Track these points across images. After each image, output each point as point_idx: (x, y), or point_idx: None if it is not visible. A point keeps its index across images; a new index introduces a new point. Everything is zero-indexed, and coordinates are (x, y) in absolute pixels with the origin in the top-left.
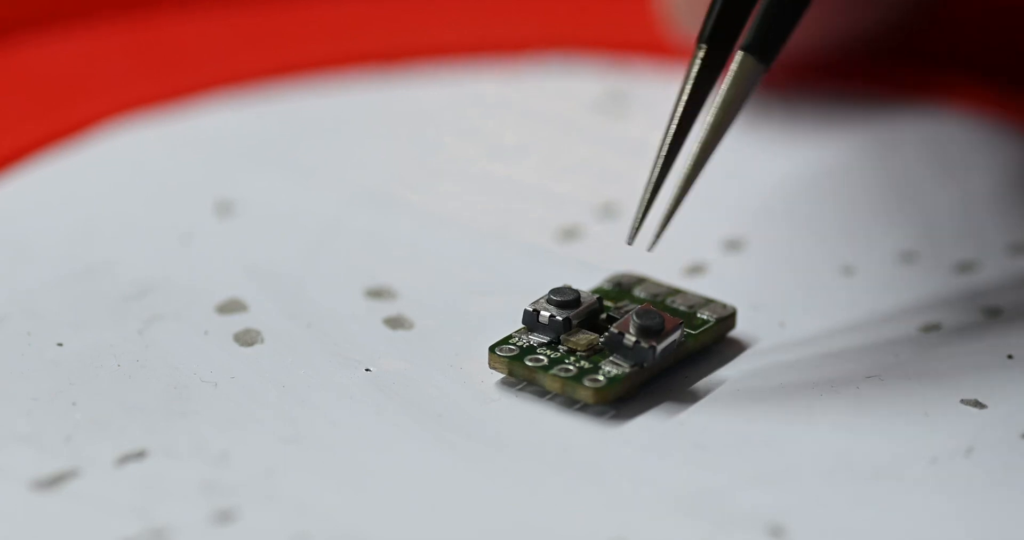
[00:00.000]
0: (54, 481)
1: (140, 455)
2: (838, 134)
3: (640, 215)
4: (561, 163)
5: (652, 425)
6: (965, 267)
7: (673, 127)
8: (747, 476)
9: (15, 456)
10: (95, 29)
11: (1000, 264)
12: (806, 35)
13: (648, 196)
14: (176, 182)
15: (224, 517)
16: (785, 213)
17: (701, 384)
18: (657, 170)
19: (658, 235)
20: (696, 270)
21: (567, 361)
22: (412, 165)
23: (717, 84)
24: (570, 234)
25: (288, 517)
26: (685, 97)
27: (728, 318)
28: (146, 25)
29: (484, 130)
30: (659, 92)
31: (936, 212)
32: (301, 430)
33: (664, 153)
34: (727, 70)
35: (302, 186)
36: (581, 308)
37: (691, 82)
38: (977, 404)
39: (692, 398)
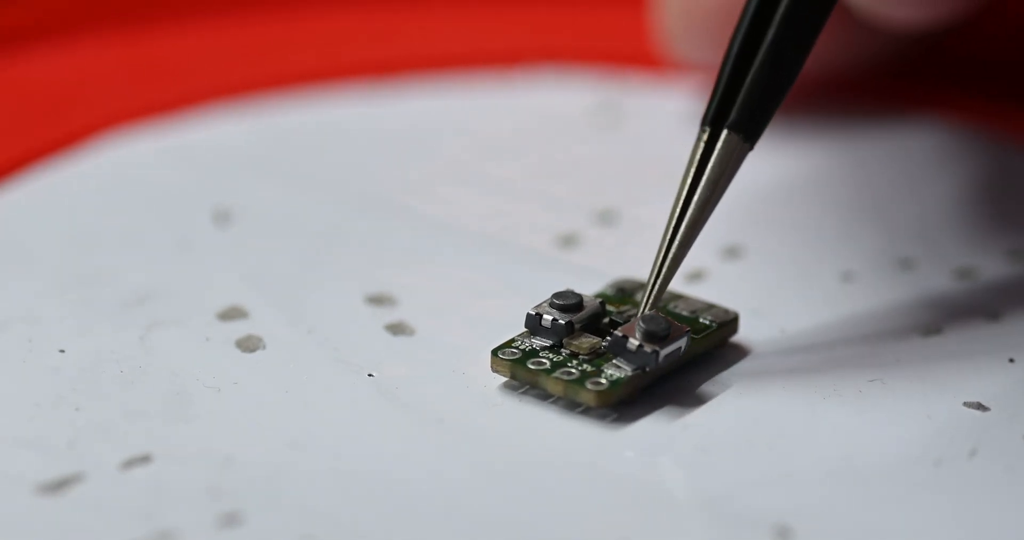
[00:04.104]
0: (60, 486)
1: (145, 460)
2: (838, 143)
3: (651, 297)
4: (557, 172)
5: (655, 428)
6: (964, 272)
7: (678, 208)
8: (751, 479)
9: (19, 461)
10: (92, 41)
11: (999, 269)
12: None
13: (658, 274)
14: (174, 192)
15: (230, 521)
16: (784, 219)
17: (704, 388)
18: (663, 248)
19: (650, 306)
20: (696, 276)
21: (570, 364)
22: (409, 174)
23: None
24: (569, 240)
25: (293, 521)
26: (689, 179)
27: (730, 323)
28: (143, 37)
29: (480, 141)
30: (652, 103)
31: (934, 218)
32: (304, 435)
33: (670, 233)
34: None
35: (300, 195)
36: (583, 312)
37: (695, 165)
38: (980, 407)
39: (695, 401)
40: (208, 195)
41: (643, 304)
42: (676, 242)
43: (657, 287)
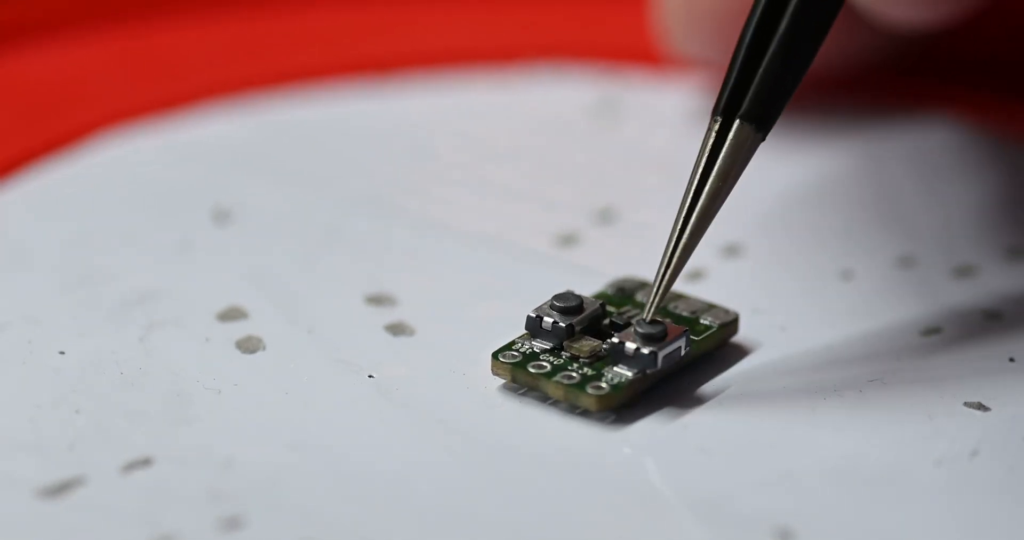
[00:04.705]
0: (60, 489)
1: (145, 462)
2: (836, 141)
3: (659, 290)
4: (556, 170)
5: (655, 429)
6: (964, 271)
7: (689, 198)
8: (752, 480)
9: (19, 464)
10: (90, 38)
11: (999, 268)
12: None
13: (667, 264)
14: (173, 190)
15: (231, 524)
16: (784, 218)
17: (704, 388)
18: (674, 239)
19: (656, 304)
20: (696, 275)
21: (570, 368)
22: (409, 172)
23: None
24: (569, 240)
25: (294, 523)
26: (700, 170)
27: (731, 323)
28: (142, 34)
29: (479, 137)
30: (651, 99)
31: (934, 217)
32: (305, 436)
33: (680, 223)
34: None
35: (299, 193)
36: (584, 314)
37: (706, 155)
38: (981, 407)
39: (695, 402)
40: (208, 193)
41: (652, 297)
42: (687, 233)
43: (667, 279)
